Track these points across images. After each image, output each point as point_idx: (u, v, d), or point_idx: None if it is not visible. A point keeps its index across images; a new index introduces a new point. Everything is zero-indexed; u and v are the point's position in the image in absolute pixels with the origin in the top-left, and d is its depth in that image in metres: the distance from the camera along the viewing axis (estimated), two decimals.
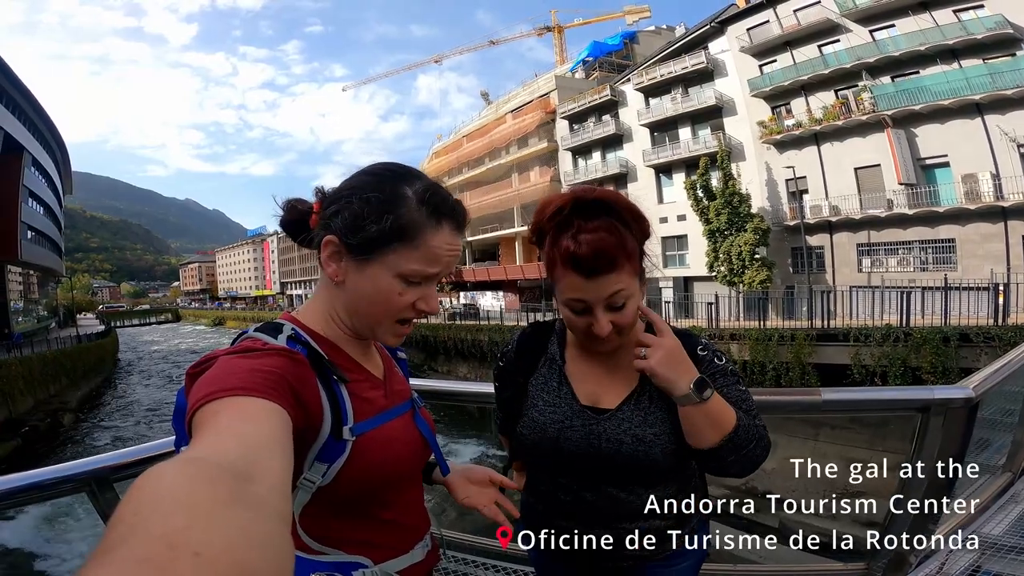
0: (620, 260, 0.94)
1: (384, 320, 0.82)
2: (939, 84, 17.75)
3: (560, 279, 0.98)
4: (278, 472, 0.46)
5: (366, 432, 0.78)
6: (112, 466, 1.36)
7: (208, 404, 0.55)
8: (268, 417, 0.56)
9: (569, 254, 0.93)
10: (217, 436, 0.50)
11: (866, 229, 19.59)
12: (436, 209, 0.80)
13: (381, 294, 0.80)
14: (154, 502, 0.31)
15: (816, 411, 1.59)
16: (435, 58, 69.78)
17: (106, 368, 32.84)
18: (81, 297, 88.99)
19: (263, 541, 0.32)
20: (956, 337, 12.01)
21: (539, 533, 1.15)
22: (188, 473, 0.35)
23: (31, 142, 33.50)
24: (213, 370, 0.63)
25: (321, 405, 0.73)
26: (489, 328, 23.63)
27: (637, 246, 0.99)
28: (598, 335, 0.98)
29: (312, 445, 0.73)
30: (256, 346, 0.71)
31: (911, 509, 1.34)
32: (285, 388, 0.64)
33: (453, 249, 0.82)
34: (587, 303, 0.96)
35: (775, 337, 14.35)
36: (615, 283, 0.94)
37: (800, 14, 21.38)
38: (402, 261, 0.78)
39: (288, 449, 0.53)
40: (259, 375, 0.62)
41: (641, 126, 26.67)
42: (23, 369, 19.70)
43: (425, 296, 0.82)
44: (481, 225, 37.37)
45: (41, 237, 36.55)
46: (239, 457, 0.43)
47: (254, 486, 0.40)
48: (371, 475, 0.78)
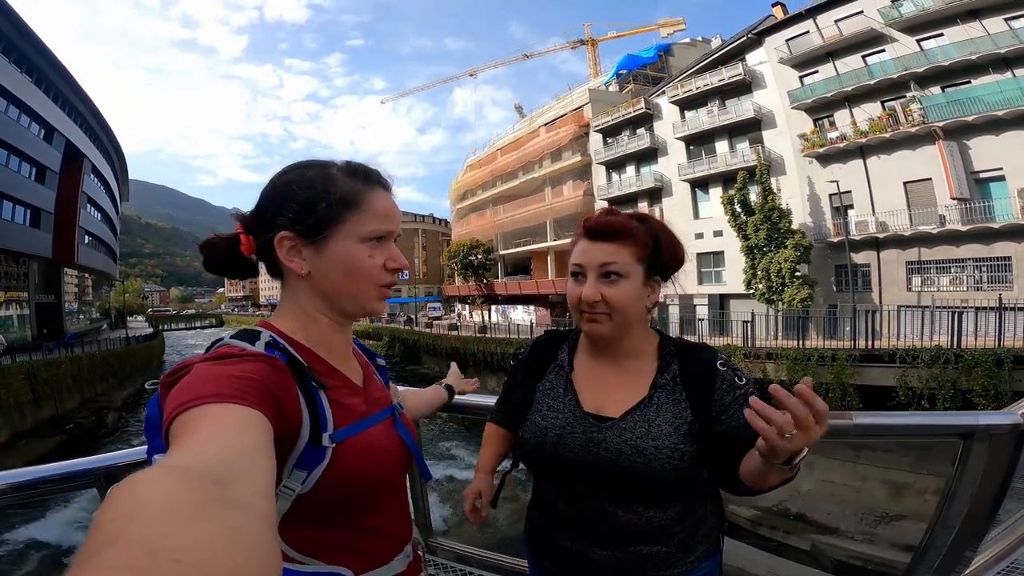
0: (624, 237, 1.01)
1: (366, 287, 0.84)
2: (992, 94, 16.98)
3: (571, 252, 1.08)
4: (260, 477, 0.45)
5: (346, 439, 0.77)
6: (123, 464, 1.40)
7: (186, 412, 0.54)
8: (248, 423, 0.55)
9: (585, 225, 1.05)
10: (196, 444, 0.48)
11: (916, 246, 18.75)
12: (366, 176, 0.86)
13: (354, 262, 0.82)
14: (134, 508, 0.31)
15: (846, 436, 1.50)
16: (470, 71, 71.24)
17: (152, 369, 34.21)
18: (133, 300, 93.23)
19: (246, 546, 0.32)
20: (1010, 359, 11.36)
21: (541, 550, 1.13)
22: (168, 479, 0.35)
23: (91, 150, 35.50)
24: (189, 378, 0.62)
25: (300, 411, 0.72)
26: (519, 342, 23.59)
27: (649, 246, 1.02)
28: (585, 300, 1.01)
29: (291, 452, 0.71)
30: (234, 352, 0.70)
31: (949, 536, 1.29)
32: (265, 394, 0.63)
33: (394, 208, 0.88)
34: (583, 268, 1.03)
35: (814, 357, 13.83)
36: (612, 253, 1.01)
37: (842, 24, 20.87)
38: (358, 226, 0.82)
39: (270, 455, 0.52)
40: (238, 381, 0.61)
41: (676, 139, 26.37)
42: (72, 368, 20.62)
43: (391, 255, 0.85)
44: (514, 239, 37.54)
45: (97, 242, 38.57)
46: (219, 463, 0.43)
47: (235, 491, 0.39)
48: (351, 482, 0.77)
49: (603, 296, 1.00)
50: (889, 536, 8.25)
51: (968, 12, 17.74)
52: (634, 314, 1.03)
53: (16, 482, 1.33)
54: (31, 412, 17.31)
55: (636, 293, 1.02)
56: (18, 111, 25.26)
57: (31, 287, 28.01)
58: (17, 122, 25.18)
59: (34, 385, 17.45)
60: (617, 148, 29.48)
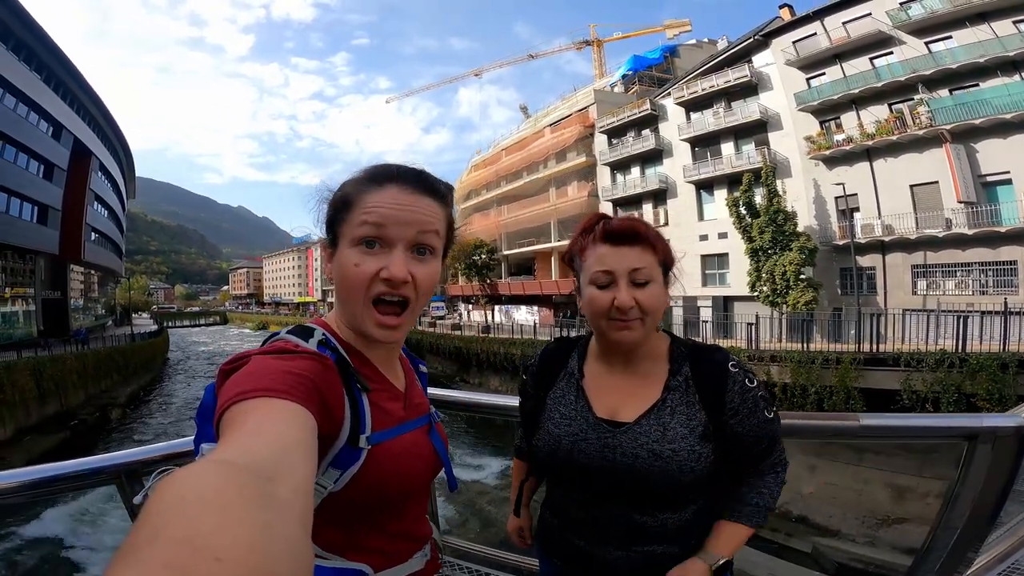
0: (647, 240, 1.01)
1: (356, 301, 0.80)
2: (1000, 97, 16.87)
3: (588, 257, 1.04)
4: (302, 476, 0.46)
5: (382, 442, 0.78)
6: (142, 460, 1.42)
7: (240, 403, 0.56)
8: (296, 420, 0.56)
9: (603, 230, 1.03)
10: (246, 436, 0.50)
11: (922, 250, 18.66)
12: (375, 175, 0.82)
13: (342, 271, 0.80)
14: (180, 504, 0.31)
15: (853, 437, 1.51)
16: (475, 71, 71.38)
17: (156, 366, 34.40)
18: (138, 297, 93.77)
19: (285, 547, 0.32)
20: (1015, 364, 11.31)
21: (553, 548, 1.14)
22: (215, 476, 0.35)
23: (99, 147, 35.69)
24: (247, 369, 0.64)
25: (344, 411, 0.74)
26: (522, 342, 23.59)
27: (662, 247, 1.03)
28: (620, 306, 0.99)
29: (329, 450, 0.73)
30: (289, 347, 0.72)
31: (951, 538, 1.29)
32: (313, 392, 0.64)
33: (401, 204, 0.79)
34: (612, 274, 1.00)
35: (819, 360, 13.80)
36: (640, 257, 1.00)
37: (850, 26, 20.78)
38: (350, 228, 0.80)
39: (313, 453, 0.54)
40: (291, 377, 0.63)
41: (682, 141, 26.31)
42: (77, 364, 20.72)
43: (388, 264, 0.78)
44: (518, 239, 37.53)
45: (104, 239, 38.76)
46: (266, 459, 0.44)
47: (279, 489, 0.40)
48: (382, 485, 0.78)
49: (637, 301, 0.99)
50: (891, 539, 8.22)
51: (977, 15, 17.65)
52: (660, 317, 1.05)
53: (36, 479, 1.34)
54: (36, 408, 17.39)
55: (663, 296, 1.03)
56: (27, 108, 25.43)
57: (37, 283, 28.17)
58: (26, 119, 25.35)
59: (40, 381, 17.52)
60: (622, 149, 29.43)
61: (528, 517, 1.32)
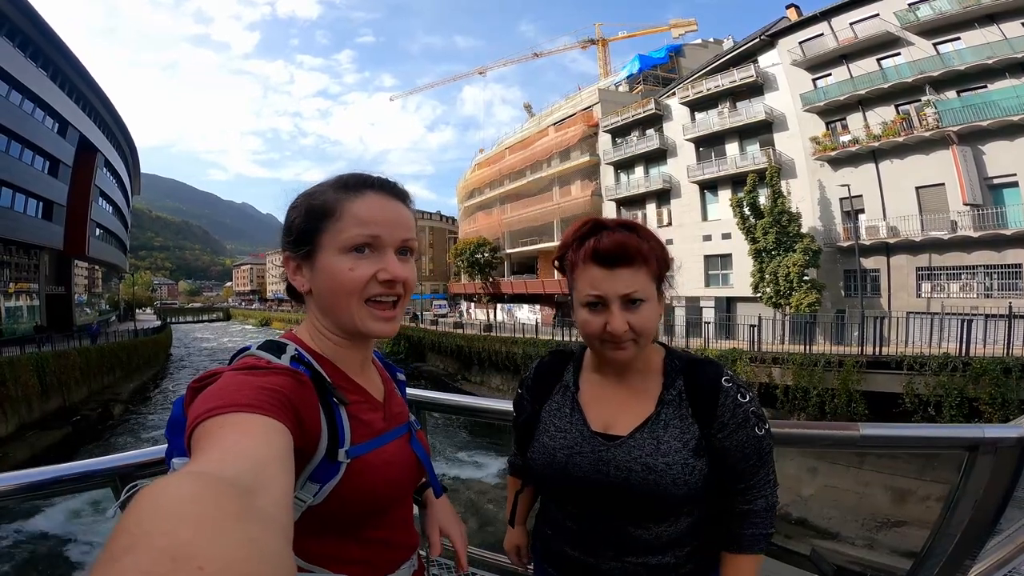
0: (639, 259, 0.97)
1: (351, 303, 0.81)
2: (1008, 99, 16.77)
3: (579, 277, 1.01)
4: (281, 489, 0.46)
5: (361, 455, 0.78)
6: (137, 463, 1.41)
7: (212, 418, 0.55)
8: (272, 435, 0.56)
9: (592, 249, 0.98)
10: (221, 451, 0.49)
11: (927, 252, 18.57)
12: (352, 183, 0.83)
13: (335, 276, 0.80)
14: (159, 514, 0.31)
15: (853, 447, 1.51)
16: (479, 69, 71.29)
17: (159, 362, 34.53)
18: (142, 293, 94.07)
19: (266, 556, 0.32)
20: (1019, 368, 11.26)
21: (548, 558, 1.14)
22: (194, 486, 0.35)
23: (104, 144, 35.85)
24: (217, 385, 0.63)
25: (320, 426, 0.73)
26: (524, 341, 23.59)
27: (655, 259, 1.00)
28: (613, 332, 0.97)
29: (307, 465, 0.72)
30: (260, 364, 0.71)
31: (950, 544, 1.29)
32: (288, 407, 0.64)
33: (386, 210, 0.82)
34: (604, 298, 0.98)
35: (821, 362, 13.76)
36: (633, 280, 0.97)
37: (857, 27, 20.69)
38: (336, 236, 0.80)
39: (290, 467, 0.53)
40: (264, 393, 0.62)
41: (686, 141, 26.25)
42: (80, 360, 20.76)
43: (384, 266, 0.81)
44: (520, 238, 37.56)
45: (108, 235, 38.96)
46: (244, 472, 0.43)
47: (258, 501, 0.39)
48: (363, 497, 0.78)
49: (630, 325, 0.98)
50: (890, 542, 8.20)
51: (986, 16, 17.54)
52: (654, 332, 1.03)
53: (30, 482, 1.34)
54: (39, 404, 17.45)
55: (657, 312, 1.01)
56: (33, 105, 25.56)
57: (42, 278, 28.34)
58: (32, 116, 25.48)
59: (42, 377, 17.59)
60: (626, 148, 29.38)
61: (525, 534, 1.32)
